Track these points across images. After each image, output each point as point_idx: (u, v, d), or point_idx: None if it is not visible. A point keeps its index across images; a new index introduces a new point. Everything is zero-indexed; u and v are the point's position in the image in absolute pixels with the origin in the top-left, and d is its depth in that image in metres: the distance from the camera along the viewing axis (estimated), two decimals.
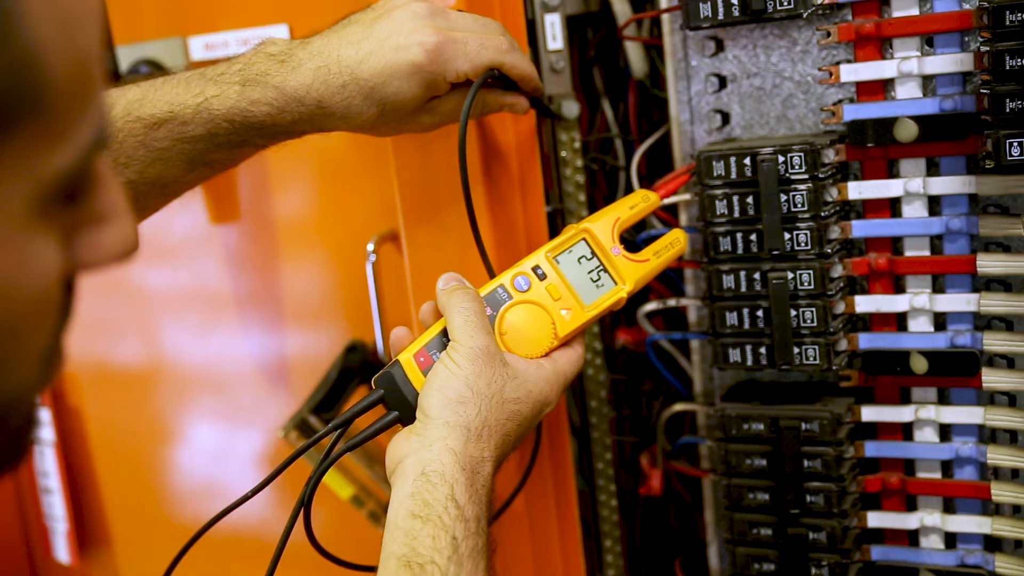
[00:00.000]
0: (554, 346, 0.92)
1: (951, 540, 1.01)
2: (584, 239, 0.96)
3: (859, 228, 0.98)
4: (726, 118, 1.06)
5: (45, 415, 1.62)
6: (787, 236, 0.97)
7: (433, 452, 0.81)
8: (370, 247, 1.18)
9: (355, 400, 1.29)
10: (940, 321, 0.98)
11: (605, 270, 0.95)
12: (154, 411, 1.55)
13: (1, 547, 1.72)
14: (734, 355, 1.02)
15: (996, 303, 0.94)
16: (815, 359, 0.98)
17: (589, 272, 0.95)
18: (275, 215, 1.37)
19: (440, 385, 0.84)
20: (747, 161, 0.98)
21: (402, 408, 0.88)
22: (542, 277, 0.93)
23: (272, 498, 1.42)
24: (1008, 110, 0.86)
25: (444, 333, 0.89)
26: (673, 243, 0.97)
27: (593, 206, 1.21)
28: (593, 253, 0.95)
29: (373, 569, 0.80)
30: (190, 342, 1.51)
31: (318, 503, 1.29)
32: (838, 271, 0.99)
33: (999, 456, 0.96)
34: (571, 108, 1.14)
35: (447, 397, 0.83)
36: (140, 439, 1.59)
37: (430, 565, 0.76)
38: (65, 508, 1.63)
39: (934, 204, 0.97)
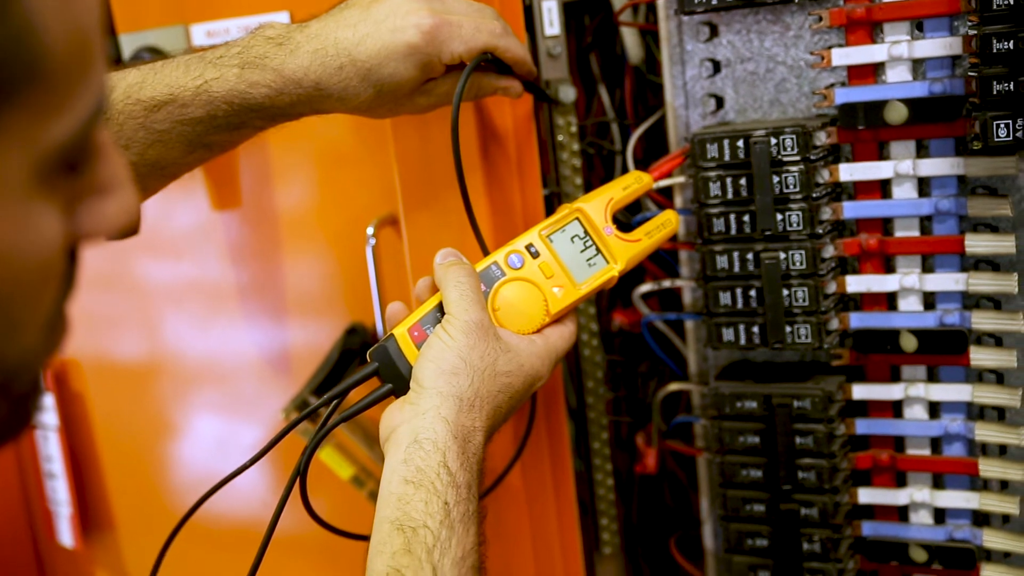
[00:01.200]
0: (546, 323, 0.94)
1: (940, 515, 1.03)
2: (577, 218, 0.97)
3: (850, 209, 1.00)
4: (720, 102, 1.08)
5: (48, 400, 1.64)
6: (779, 217, 0.99)
7: (426, 420, 0.83)
8: (370, 231, 1.19)
9: None
10: (929, 300, 1.00)
11: (597, 249, 0.97)
12: (156, 397, 1.56)
13: (6, 531, 1.74)
14: (728, 334, 1.03)
15: (984, 282, 0.96)
16: (807, 338, 1.00)
17: (582, 251, 0.96)
18: (276, 201, 1.38)
19: (434, 356, 0.86)
20: (740, 143, 0.99)
21: (396, 381, 0.89)
22: (535, 255, 0.95)
23: (272, 486, 1.44)
24: (995, 92, 0.87)
25: (439, 308, 0.91)
26: (665, 223, 0.99)
27: (589, 190, 1.22)
28: (586, 232, 0.97)
29: (367, 538, 0.81)
30: (191, 330, 1.52)
31: (319, 486, 1.30)
32: (829, 251, 1.00)
33: (987, 433, 0.98)
34: (568, 93, 1.15)
35: (441, 368, 0.85)
36: (143, 425, 1.60)
37: (422, 529, 0.78)
38: (69, 492, 1.65)
39: (923, 185, 0.98)
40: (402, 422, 0.85)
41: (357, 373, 0.91)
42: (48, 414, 1.64)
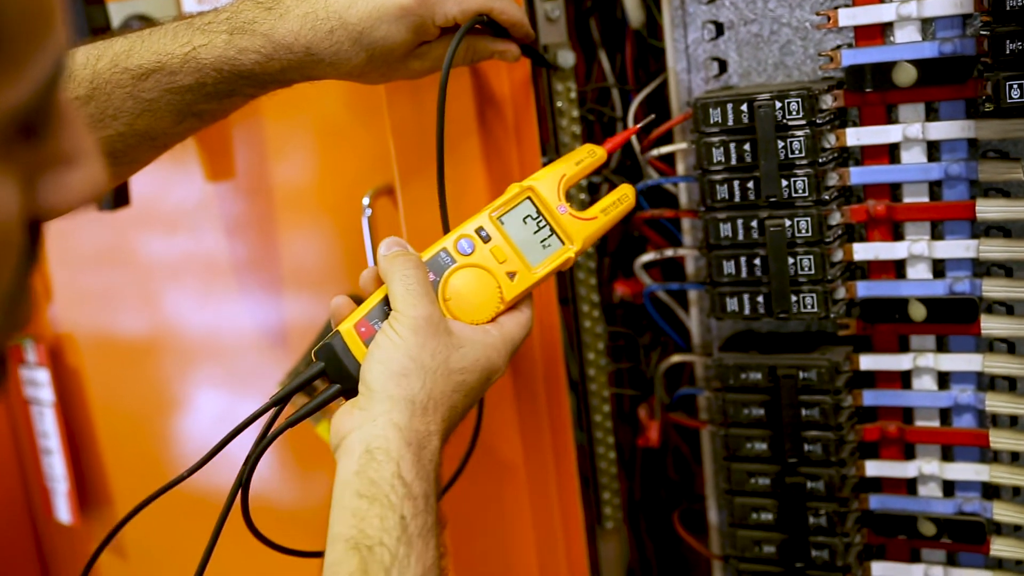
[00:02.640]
0: (500, 311, 0.88)
1: (949, 488, 1.01)
2: (529, 198, 0.92)
3: (857, 175, 0.97)
4: (723, 66, 1.05)
5: (44, 376, 1.62)
6: (784, 183, 0.96)
7: (377, 427, 0.78)
8: (365, 201, 1.17)
9: None
10: (939, 268, 0.97)
11: (552, 229, 0.91)
12: (153, 371, 1.55)
13: (3, 508, 1.73)
14: (732, 304, 1.01)
15: (995, 249, 0.93)
16: (813, 307, 0.97)
17: (535, 232, 0.91)
18: (270, 171, 1.36)
19: (382, 357, 0.81)
20: (744, 108, 0.97)
21: (344, 381, 0.84)
22: (486, 239, 0.90)
23: (267, 460, 1.42)
24: (1008, 52, 0.85)
25: (386, 301, 0.85)
26: (622, 199, 0.94)
27: None
28: (539, 212, 0.91)
29: (320, 555, 0.77)
30: (187, 304, 1.50)
31: (319, 460, 1.29)
32: (836, 218, 0.98)
33: (998, 403, 0.96)
34: (567, 57, 1.12)
35: (390, 370, 0.80)
36: (140, 400, 1.58)
37: (379, 547, 0.73)
38: (65, 469, 1.63)
39: (933, 149, 0.95)
40: (352, 428, 0.80)
41: (303, 375, 0.86)
42: (44, 390, 1.63)
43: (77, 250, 1.59)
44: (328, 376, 0.85)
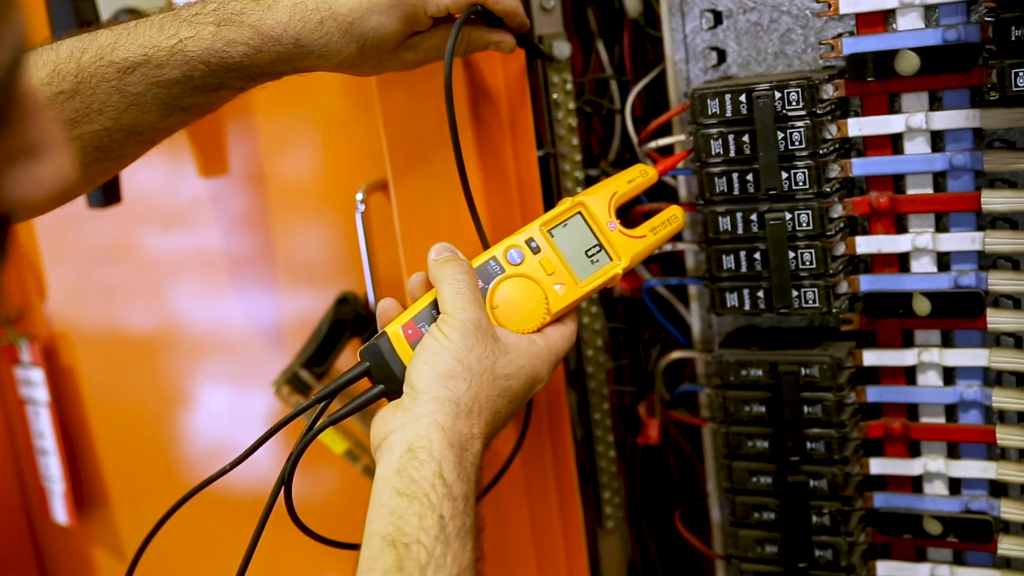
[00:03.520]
0: (546, 322, 0.89)
1: (955, 486, 0.99)
2: (580, 213, 0.93)
3: (859, 166, 0.95)
4: (722, 56, 1.03)
5: (38, 375, 1.61)
6: (785, 175, 0.94)
7: (421, 427, 0.78)
8: (359, 196, 1.15)
9: (347, 353, 1.27)
10: (944, 261, 0.95)
11: (600, 245, 0.92)
12: (148, 370, 1.53)
13: (0, 509, 1.72)
14: (732, 300, 0.99)
15: (1001, 241, 0.91)
16: (815, 302, 0.95)
17: (584, 247, 0.92)
18: (264, 167, 1.34)
19: (429, 359, 0.81)
20: (743, 98, 0.95)
21: (388, 382, 0.85)
22: (536, 250, 0.91)
23: (276, 456, 1.41)
24: (1014, 38, 0.83)
25: (434, 305, 0.86)
26: (671, 219, 0.95)
27: (587, 150, 1.18)
28: (589, 227, 0.93)
29: (357, 547, 0.77)
30: (182, 301, 1.49)
31: (322, 458, 1.27)
32: (838, 211, 0.96)
33: (1004, 399, 0.94)
34: (562, 48, 1.10)
35: (436, 371, 0.80)
36: (135, 398, 1.57)
37: (416, 545, 0.73)
38: (61, 469, 1.62)
39: (937, 140, 0.93)
40: (395, 428, 0.80)
41: (347, 373, 0.87)
42: (38, 389, 1.62)
43: (71, 248, 1.58)
44: (372, 376, 0.86)
